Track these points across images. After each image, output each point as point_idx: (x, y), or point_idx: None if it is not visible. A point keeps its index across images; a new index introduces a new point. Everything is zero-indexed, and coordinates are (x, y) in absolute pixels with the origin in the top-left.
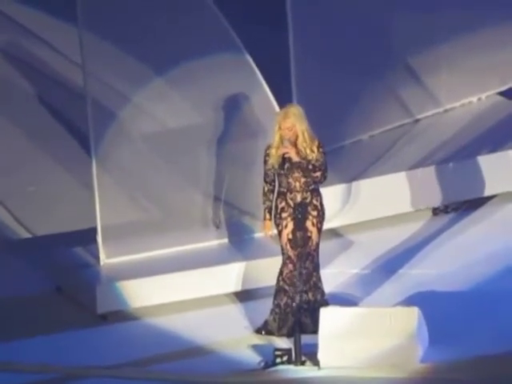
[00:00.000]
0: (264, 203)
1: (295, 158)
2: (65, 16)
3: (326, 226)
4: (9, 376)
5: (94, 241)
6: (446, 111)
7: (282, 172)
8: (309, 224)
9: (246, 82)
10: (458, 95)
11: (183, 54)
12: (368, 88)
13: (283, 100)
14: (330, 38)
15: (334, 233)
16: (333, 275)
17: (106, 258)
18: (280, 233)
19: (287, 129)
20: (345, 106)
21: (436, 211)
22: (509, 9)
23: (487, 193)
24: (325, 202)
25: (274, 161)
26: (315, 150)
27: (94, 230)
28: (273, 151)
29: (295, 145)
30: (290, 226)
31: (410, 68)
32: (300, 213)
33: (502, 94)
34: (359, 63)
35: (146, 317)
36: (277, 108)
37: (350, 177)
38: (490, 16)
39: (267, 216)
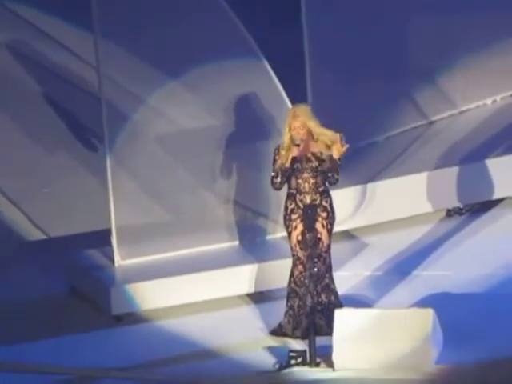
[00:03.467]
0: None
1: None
2: (80, 19)
3: (341, 227)
4: (23, 377)
5: (109, 242)
6: (461, 113)
7: (292, 172)
8: (318, 225)
9: (261, 84)
10: (473, 97)
11: (198, 57)
12: (383, 90)
13: (298, 102)
14: (345, 40)
15: (349, 235)
16: (347, 277)
17: (121, 260)
18: (290, 234)
19: (298, 127)
20: (360, 108)
21: (450, 213)
22: None
23: (502, 194)
24: (340, 204)
25: (283, 161)
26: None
27: (108, 232)
28: (282, 152)
29: (307, 144)
30: (300, 227)
31: (425, 70)
32: (309, 214)
33: None
34: (374, 65)
35: (159, 318)
36: None
37: (365, 178)
38: (505, 18)
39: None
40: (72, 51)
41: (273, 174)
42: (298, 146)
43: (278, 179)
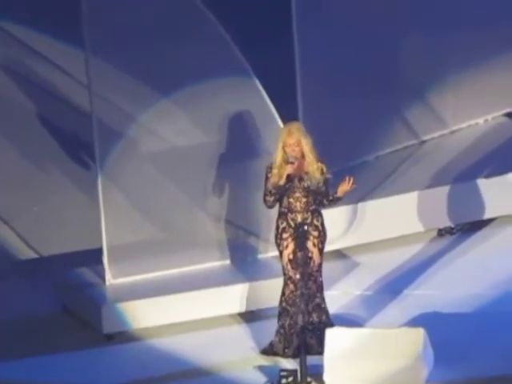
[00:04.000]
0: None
1: (291, 171)
2: (71, 36)
3: (332, 246)
4: None
5: (100, 261)
6: (452, 132)
7: (284, 191)
8: (310, 244)
9: (252, 103)
10: (465, 116)
11: (190, 75)
12: (374, 109)
13: (289, 121)
14: (336, 59)
15: (340, 254)
16: (337, 296)
17: (112, 279)
18: (281, 253)
19: (293, 145)
20: (351, 127)
21: (441, 232)
22: None
23: (493, 214)
24: (330, 223)
25: (276, 179)
26: (319, 170)
27: (100, 251)
28: (275, 171)
29: (301, 163)
30: (291, 246)
31: (416, 89)
32: (301, 233)
33: (508, 115)
34: (365, 84)
35: (151, 337)
36: None
37: (356, 198)
38: (497, 37)
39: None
40: (64, 69)
41: (265, 192)
42: (293, 163)
43: (272, 197)
